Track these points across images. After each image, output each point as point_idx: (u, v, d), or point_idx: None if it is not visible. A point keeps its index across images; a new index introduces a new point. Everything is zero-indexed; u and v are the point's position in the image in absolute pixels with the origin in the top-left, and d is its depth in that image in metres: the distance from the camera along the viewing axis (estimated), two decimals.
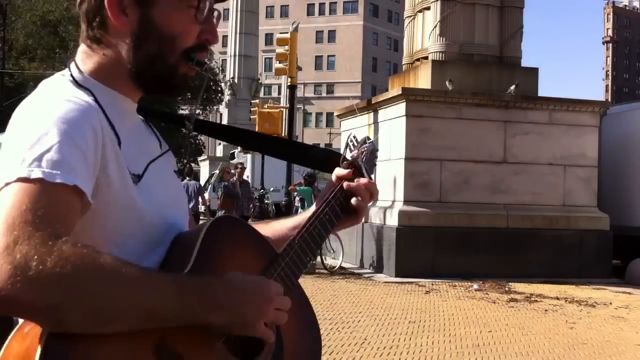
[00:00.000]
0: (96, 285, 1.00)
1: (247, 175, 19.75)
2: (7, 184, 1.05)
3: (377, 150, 1.65)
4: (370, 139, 1.62)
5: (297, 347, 1.36)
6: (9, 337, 1.10)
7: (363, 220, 1.61)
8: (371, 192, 1.51)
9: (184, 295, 1.08)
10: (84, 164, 1.11)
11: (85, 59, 1.28)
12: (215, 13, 1.33)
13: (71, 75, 1.25)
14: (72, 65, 1.28)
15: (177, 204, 1.37)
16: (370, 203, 1.60)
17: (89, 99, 1.21)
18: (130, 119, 1.31)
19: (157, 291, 1.06)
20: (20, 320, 1.11)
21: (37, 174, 1.05)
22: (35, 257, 0.97)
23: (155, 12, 1.24)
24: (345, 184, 1.51)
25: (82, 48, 1.30)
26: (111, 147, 1.19)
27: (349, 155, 1.57)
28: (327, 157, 1.63)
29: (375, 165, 1.63)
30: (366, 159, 1.58)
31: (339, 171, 1.53)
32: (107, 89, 1.26)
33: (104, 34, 1.25)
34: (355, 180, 1.52)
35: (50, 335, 1.02)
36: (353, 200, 1.50)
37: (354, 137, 1.61)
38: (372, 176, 1.60)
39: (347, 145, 1.60)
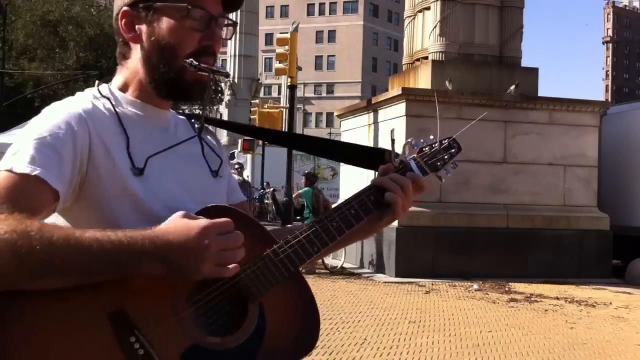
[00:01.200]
0: (28, 246, 1.17)
1: (247, 175, 19.78)
2: None
3: (455, 149, 1.60)
4: (451, 138, 1.59)
5: (282, 331, 1.36)
6: None
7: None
8: (402, 186, 1.49)
9: (113, 249, 1.21)
10: (55, 160, 1.30)
11: (117, 74, 1.51)
12: (221, 20, 1.47)
13: (97, 89, 1.47)
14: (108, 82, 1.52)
15: (199, 199, 1.43)
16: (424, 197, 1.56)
17: (90, 107, 1.40)
18: (152, 122, 1.48)
19: (85, 247, 1.20)
20: None
21: (8, 166, 1.29)
22: None
23: (158, 26, 1.43)
24: (377, 178, 1.51)
25: (118, 65, 1.51)
26: (102, 146, 1.36)
27: (402, 152, 1.56)
28: (377, 155, 1.69)
29: (445, 163, 1.58)
30: (429, 157, 1.56)
31: (383, 165, 1.55)
32: (128, 97, 1.47)
33: (127, 50, 1.48)
34: (389, 175, 1.50)
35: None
36: (386, 194, 1.48)
37: (429, 137, 1.58)
38: (440, 176, 1.57)
39: (411, 143, 1.58)
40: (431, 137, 1.60)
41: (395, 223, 12.17)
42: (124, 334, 1.24)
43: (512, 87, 12.93)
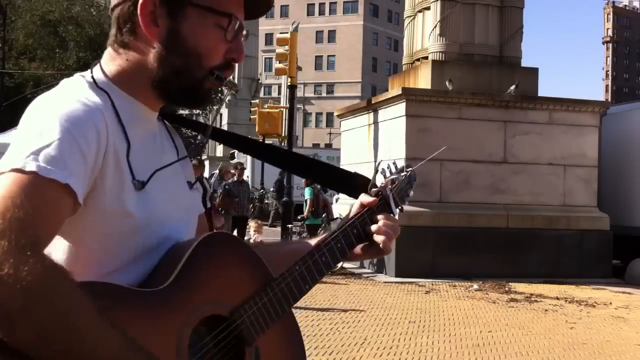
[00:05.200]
0: (54, 314, 0.99)
1: (247, 175, 19.76)
2: (1, 173, 1.06)
3: (415, 180, 1.61)
4: (410, 167, 1.59)
5: None
6: None
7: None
8: (395, 232, 1.46)
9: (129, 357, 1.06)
10: (82, 165, 1.12)
11: (109, 61, 1.30)
12: (244, 32, 1.33)
13: (92, 76, 1.27)
14: (97, 67, 1.30)
15: (184, 214, 1.36)
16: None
17: (99, 100, 1.22)
18: (145, 126, 1.31)
19: (106, 344, 1.03)
20: None
21: (31, 166, 1.06)
22: (12, 260, 0.97)
23: (185, 26, 1.26)
24: (374, 225, 1.46)
25: (108, 50, 1.31)
26: (114, 152, 1.19)
27: (379, 182, 1.53)
28: (354, 181, 1.60)
29: (408, 196, 1.59)
30: (399, 189, 1.54)
31: (364, 198, 1.49)
32: (124, 94, 1.27)
33: (133, 40, 1.27)
34: (380, 215, 1.47)
35: None
36: (374, 230, 1.45)
37: (394, 163, 1.57)
38: (403, 207, 1.56)
39: (381, 170, 1.56)
40: (394, 163, 1.59)
41: None
42: None
43: (512, 87, 12.94)
